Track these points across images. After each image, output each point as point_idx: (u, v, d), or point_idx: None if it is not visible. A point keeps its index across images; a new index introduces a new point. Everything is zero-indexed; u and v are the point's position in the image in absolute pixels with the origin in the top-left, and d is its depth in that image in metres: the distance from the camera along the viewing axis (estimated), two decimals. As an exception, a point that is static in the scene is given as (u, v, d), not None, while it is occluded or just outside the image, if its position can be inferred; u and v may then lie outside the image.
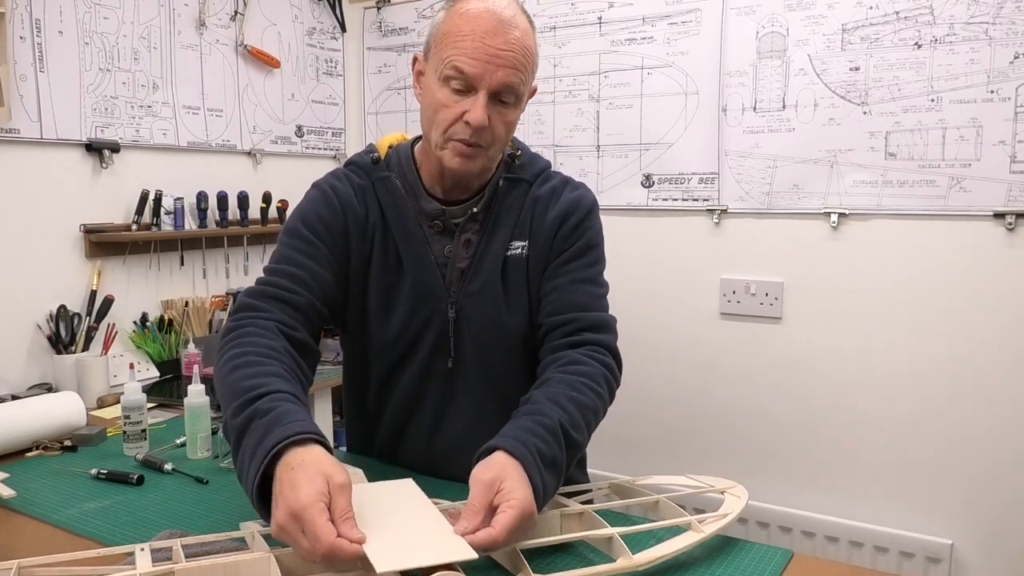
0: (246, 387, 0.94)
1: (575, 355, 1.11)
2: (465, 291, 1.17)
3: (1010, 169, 1.82)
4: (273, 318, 1.08)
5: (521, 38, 1.06)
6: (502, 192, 1.19)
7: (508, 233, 1.18)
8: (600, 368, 1.11)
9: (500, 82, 1.05)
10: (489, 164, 1.15)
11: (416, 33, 2.68)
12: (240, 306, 1.11)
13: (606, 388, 1.11)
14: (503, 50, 1.03)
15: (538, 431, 0.97)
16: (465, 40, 1.03)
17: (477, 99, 1.04)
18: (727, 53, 2.14)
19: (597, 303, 1.18)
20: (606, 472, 2.29)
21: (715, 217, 2.20)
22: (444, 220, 1.17)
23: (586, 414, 1.04)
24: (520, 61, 1.06)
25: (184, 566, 0.84)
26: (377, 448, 1.31)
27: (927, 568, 1.96)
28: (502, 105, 1.08)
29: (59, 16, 1.95)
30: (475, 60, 1.03)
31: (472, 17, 1.04)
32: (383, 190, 1.18)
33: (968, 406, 1.92)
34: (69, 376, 1.91)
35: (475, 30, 1.03)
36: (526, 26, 1.08)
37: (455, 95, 1.06)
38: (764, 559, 0.99)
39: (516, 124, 1.14)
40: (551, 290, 1.17)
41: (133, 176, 2.14)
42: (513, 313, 1.18)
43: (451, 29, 1.05)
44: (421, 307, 1.17)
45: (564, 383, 1.05)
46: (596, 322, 1.15)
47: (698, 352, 2.27)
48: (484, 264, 1.17)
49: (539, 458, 0.94)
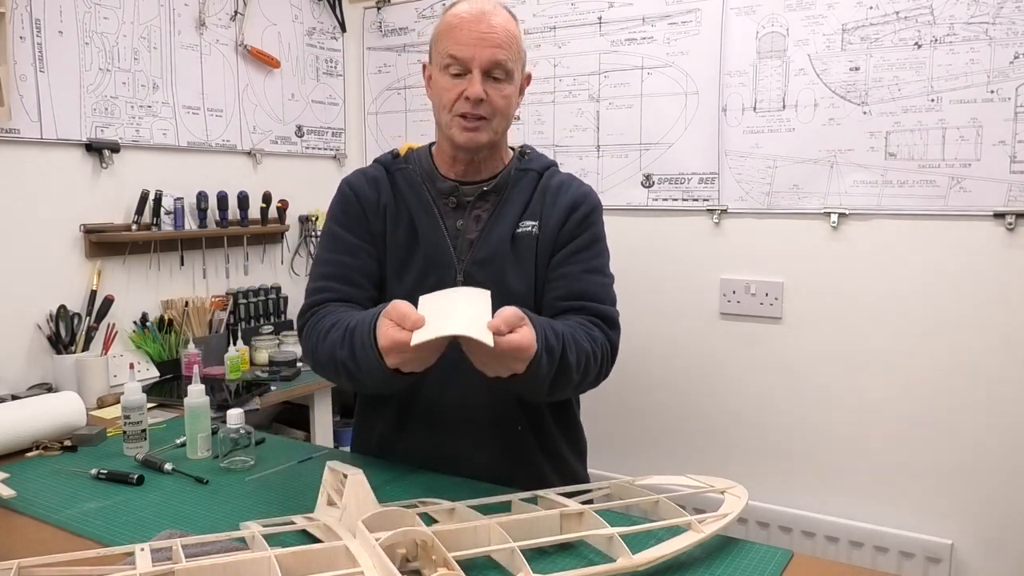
0: (336, 333, 1.17)
1: (586, 322, 1.25)
2: (473, 259, 1.28)
3: (1010, 169, 1.82)
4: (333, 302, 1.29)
5: (503, 23, 1.23)
6: (514, 178, 1.33)
7: (518, 212, 1.30)
8: (604, 341, 1.24)
9: (489, 59, 1.21)
10: (494, 137, 1.27)
11: (416, 33, 2.68)
12: (305, 308, 1.31)
13: (602, 355, 1.23)
14: (487, 32, 1.21)
15: (548, 325, 1.13)
16: (454, 31, 1.22)
17: (472, 77, 1.21)
18: (727, 53, 2.14)
19: (605, 292, 1.30)
20: (606, 472, 2.29)
21: (715, 217, 2.20)
22: (458, 196, 1.31)
23: (580, 352, 1.17)
24: (504, 40, 1.22)
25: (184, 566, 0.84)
26: (392, 408, 1.35)
27: (927, 568, 1.96)
28: (495, 81, 1.23)
29: (59, 16, 1.95)
30: (464, 45, 1.21)
31: (459, 13, 1.23)
32: (401, 178, 1.34)
33: (968, 406, 1.92)
34: (69, 376, 1.91)
35: (462, 22, 1.22)
36: (507, 16, 1.25)
37: (454, 79, 1.23)
38: (764, 559, 0.99)
39: (513, 100, 1.27)
40: (561, 276, 1.29)
41: (133, 176, 2.14)
42: (519, 280, 1.29)
43: (444, 27, 1.25)
44: (432, 271, 1.29)
45: (572, 327, 1.20)
46: (604, 315, 1.27)
47: (698, 352, 2.27)
48: (492, 237, 1.29)
49: (548, 334, 1.09)
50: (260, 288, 2.50)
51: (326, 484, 1.08)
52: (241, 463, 1.35)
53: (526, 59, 1.30)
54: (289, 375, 2.21)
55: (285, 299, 2.58)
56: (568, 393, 1.24)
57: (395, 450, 1.36)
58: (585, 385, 1.24)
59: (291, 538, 1.02)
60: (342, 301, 1.27)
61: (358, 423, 1.45)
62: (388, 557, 0.84)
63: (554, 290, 1.29)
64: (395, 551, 0.90)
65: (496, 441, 1.30)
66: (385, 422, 1.37)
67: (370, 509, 0.97)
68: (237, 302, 2.41)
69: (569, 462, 1.40)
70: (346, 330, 1.14)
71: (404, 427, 1.34)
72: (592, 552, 0.98)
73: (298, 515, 1.08)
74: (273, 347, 2.39)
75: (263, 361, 2.34)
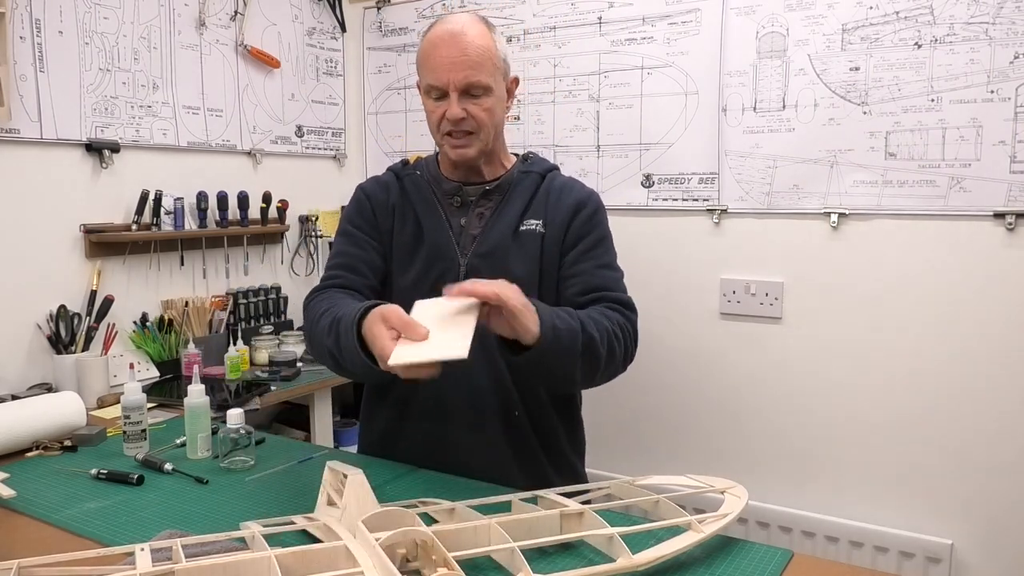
0: (326, 320, 1.22)
1: (603, 308, 1.30)
2: (475, 252, 1.34)
3: (1010, 169, 1.82)
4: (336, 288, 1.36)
5: (473, 41, 1.27)
6: (516, 179, 1.39)
7: (520, 210, 1.36)
8: (625, 322, 1.30)
9: (462, 82, 1.27)
10: (484, 147, 1.34)
11: (416, 33, 2.68)
12: (314, 290, 1.38)
13: (623, 334, 1.28)
14: (459, 57, 1.26)
15: (555, 309, 1.18)
16: (429, 59, 1.29)
17: (451, 100, 1.28)
18: (727, 53, 2.14)
19: (619, 284, 1.36)
20: (606, 472, 2.29)
21: (715, 217, 2.20)
22: (461, 196, 1.38)
23: (601, 328, 1.22)
24: (477, 60, 1.27)
25: (184, 566, 0.84)
26: (394, 399, 1.39)
27: (927, 568, 1.96)
28: (473, 98, 1.29)
29: (59, 16, 1.95)
30: (439, 71, 1.27)
31: (433, 39, 1.30)
32: (409, 182, 1.43)
33: (968, 406, 1.92)
34: (69, 376, 1.91)
35: (434, 49, 1.28)
36: (480, 30, 1.30)
37: (436, 102, 1.31)
38: (764, 559, 0.99)
39: (497, 110, 1.33)
40: (577, 274, 1.34)
41: (133, 176, 2.14)
42: (521, 268, 1.32)
43: (423, 54, 1.32)
44: (436, 264, 1.35)
45: (584, 311, 1.25)
46: (621, 300, 1.33)
47: (698, 352, 2.27)
48: (494, 232, 1.34)
49: (555, 316, 1.14)
50: (260, 288, 2.50)
51: (326, 484, 1.08)
52: (241, 463, 1.35)
53: (508, 66, 1.35)
54: (289, 375, 2.21)
55: (285, 299, 2.58)
56: (601, 374, 1.25)
57: (398, 441, 1.39)
58: (612, 366, 1.26)
59: (291, 538, 1.02)
60: (344, 288, 1.35)
61: (363, 416, 1.49)
62: (388, 557, 0.84)
63: (571, 287, 1.33)
64: (395, 551, 0.90)
65: (497, 430, 1.33)
66: (388, 413, 1.40)
67: (370, 509, 0.97)
68: (237, 302, 2.41)
69: (568, 458, 1.42)
70: (334, 319, 1.19)
71: (407, 417, 1.38)
72: (592, 552, 0.98)
73: (298, 515, 1.08)
74: (273, 347, 2.39)
75: (263, 361, 2.34)
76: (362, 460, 1.37)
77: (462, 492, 1.19)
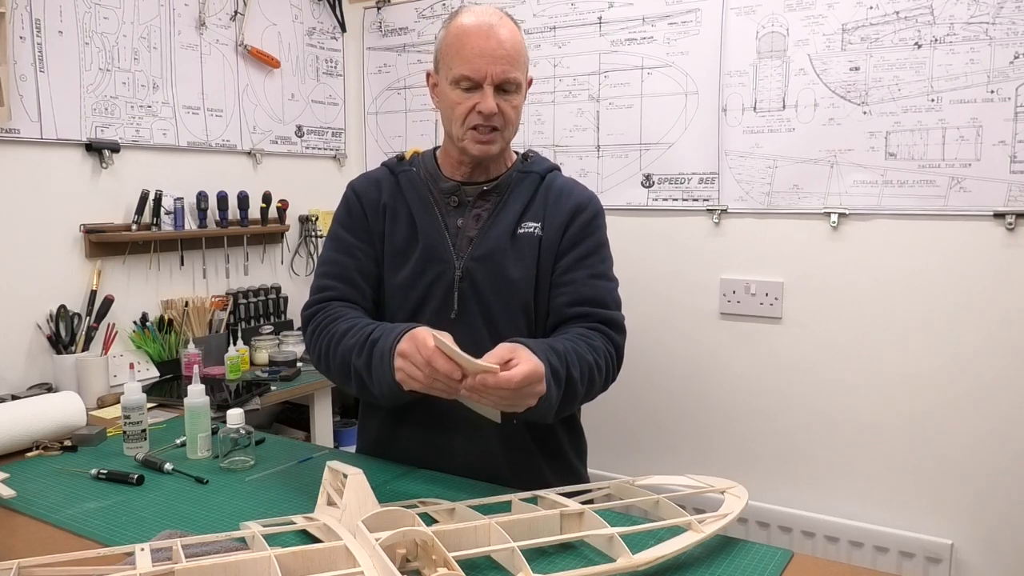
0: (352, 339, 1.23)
1: (587, 331, 1.27)
2: (471, 255, 1.31)
3: (1010, 169, 1.82)
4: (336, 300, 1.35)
5: (509, 37, 1.26)
6: (515, 180, 1.36)
7: (518, 212, 1.33)
8: (608, 347, 1.27)
9: (500, 76, 1.25)
10: (505, 144, 1.33)
11: (416, 33, 2.68)
12: (308, 303, 1.37)
13: (606, 363, 1.25)
14: (496, 49, 1.24)
15: (548, 348, 1.16)
16: (464, 49, 1.25)
17: (485, 92, 1.25)
18: (727, 53, 2.14)
19: (611, 296, 1.33)
20: (606, 472, 2.29)
21: (715, 217, 2.20)
22: (459, 195, 1.35)
23: (584, 365, 1.20)
24: (512, 55, 1.26)
25: (184, 566, 0.84)
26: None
27: (927, 568, 1.96)
28: (505, 93, 1.27)
29: (59, 16, 1.95)
30: (475, 63, 1.24)
31: (466, 27, 1.26)
32: (404, 179, 1.38)
33: (968, 406, 1.92)
34: (69, 376, 1.91)
35: (470, 38, 1.25)
36: (512, 27, 1.28)
37: (465, 93, 1.26)
38: (764, 559, 0.99)
39: (521, 108, 1.32)
40: (568, 282, 1.31)
41: (133, 176, 2.14)
42: (517, 271, 1.31)
43: (453, 43, 1.27)
44: (430, 266, 1.32)
45: (572, 340, 1.23)
46: (609, 320, 1.30)
47: (698, 352, 2.27)
48: (492, 235, 1.32)
49: (550, 356, 1.13)
50: (260, 288, 2.50)
51: (326, 484, 1.08)
52: (241, 463, 1.35)
53: (529, 63, 1.34)
54: (289, 375, 2.21)
55: (285, 299, 2.58)
56: (575, 408, 1.26)
57: (392, 445, 1.38)
58: (591, 396, 1.26)
59: (291, 538, 1.02)
60: (343, 300, 1.33)
61: (361, 419, 1.48)
62: (388, 557, 0.84)
63: (561, 296, 1.31)
64: (395, 551, 0.90)
65: (494, 438, 1.31)
66: (383, 417, 1.39)
67: (370, 509, 0.97)
68: (237, 302, 2.41)
69: (570, 461, 1.40)
70: (367, 339, 1.18)
71: (401, 422, 1.36)
72: (592, 552, 0.98)
73: (298, 515, 1.08)
74: (273, 347, 2.39)
75: (263, 361, 2.34)
76: (362, 460, 1.37)
77: (462, 492, 1.19)
